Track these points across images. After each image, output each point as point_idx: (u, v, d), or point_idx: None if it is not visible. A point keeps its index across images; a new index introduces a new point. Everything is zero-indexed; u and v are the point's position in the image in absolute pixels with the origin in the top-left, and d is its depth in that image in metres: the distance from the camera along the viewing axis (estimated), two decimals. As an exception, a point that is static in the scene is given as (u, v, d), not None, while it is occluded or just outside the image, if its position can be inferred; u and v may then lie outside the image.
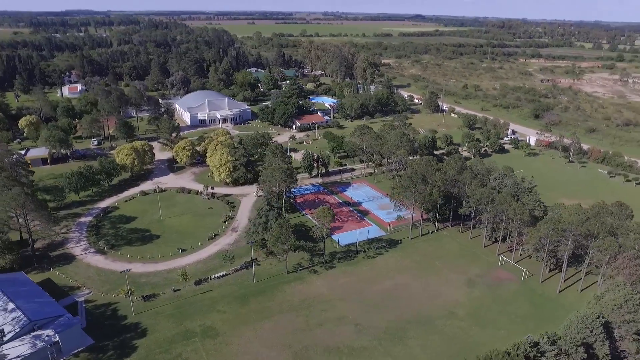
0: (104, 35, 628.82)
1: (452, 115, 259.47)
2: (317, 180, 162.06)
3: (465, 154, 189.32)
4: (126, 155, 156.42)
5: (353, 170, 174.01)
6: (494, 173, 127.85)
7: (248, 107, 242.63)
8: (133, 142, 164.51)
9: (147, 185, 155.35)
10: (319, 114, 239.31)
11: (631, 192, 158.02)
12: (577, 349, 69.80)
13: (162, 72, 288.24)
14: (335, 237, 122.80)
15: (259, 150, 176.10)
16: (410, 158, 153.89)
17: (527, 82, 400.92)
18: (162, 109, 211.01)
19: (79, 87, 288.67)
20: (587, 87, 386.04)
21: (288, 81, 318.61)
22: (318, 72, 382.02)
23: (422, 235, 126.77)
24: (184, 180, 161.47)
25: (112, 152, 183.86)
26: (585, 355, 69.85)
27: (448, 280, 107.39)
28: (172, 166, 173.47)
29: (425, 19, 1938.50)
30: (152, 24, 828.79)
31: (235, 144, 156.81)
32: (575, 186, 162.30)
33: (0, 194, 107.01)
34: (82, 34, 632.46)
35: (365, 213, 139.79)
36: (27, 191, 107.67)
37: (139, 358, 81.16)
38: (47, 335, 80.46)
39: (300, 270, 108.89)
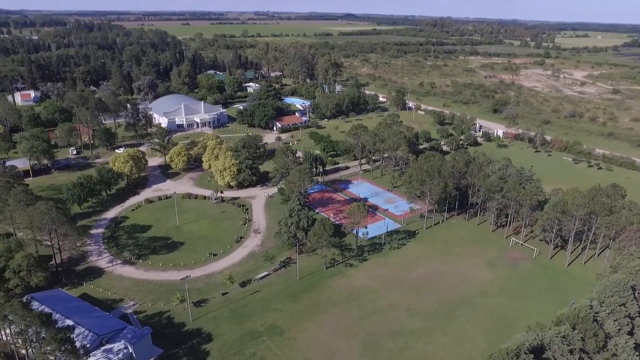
0: (33, 37, 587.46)
1: (419, 112, 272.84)
2: (317, 179, 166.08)
3: (445, 148, 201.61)
4: (123, 163, 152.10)
5: (347, 168, 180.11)
6: (494, 164, 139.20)
7: (224, 110, 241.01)
8: (127, 149, 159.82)
9: (148, 193, 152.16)
10: (296, 114, 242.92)
11: (594, 175, 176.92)
12: (619, 308, 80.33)
13: (123, 77, 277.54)
14: (355, 231, 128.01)
15: (254, 152, 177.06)
16: (398, 154, 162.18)
17: (472, 78, 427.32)
18: (141, 115, 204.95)
19: (32, 93, 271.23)
20: (526, 82, 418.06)
21: (254, 83, 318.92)
22: (276, 74, 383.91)
23: (434, 225, 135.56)
24: (184, 186, 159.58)
25: (97, 160, 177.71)
26: (627, 312, 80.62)
27: (472, 263, 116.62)
28: (166, 172, 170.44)
29: (357, 17, 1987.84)
30: (82, 25, 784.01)
31: (239, 147, 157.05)
32: (548, 173, 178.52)
33: (18, 209, 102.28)
34: (6, 36, 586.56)
35: (374, 208, 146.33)
36: (54, 205, 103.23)
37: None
38: (120, 349, 79.52)
39: (337, 264, 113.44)
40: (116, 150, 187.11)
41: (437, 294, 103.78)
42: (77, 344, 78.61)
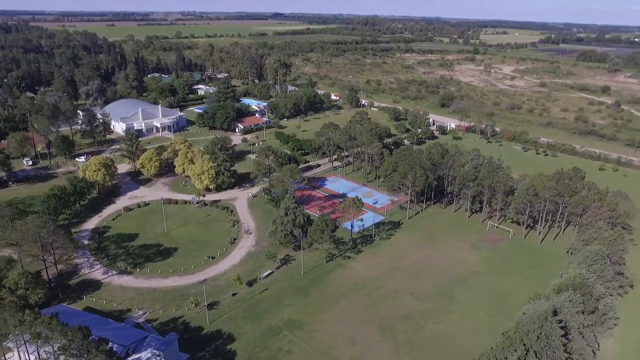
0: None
1: (373, 109, 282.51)
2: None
3: (406, 142, 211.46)
4: (95, 171, 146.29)
5: (319, 166, 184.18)
6: (464, 155, 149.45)
7: (182, 113, 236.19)
8: (96, 157, 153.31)
9: (124, 201, 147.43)
10: (256, 115, 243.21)
11: (543, 162, 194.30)
12: (603, 274, 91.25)
13: (67, 82, 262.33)
14: (346, 225, 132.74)
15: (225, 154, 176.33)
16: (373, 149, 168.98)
17: (412, 75, 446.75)
18: (98, 121, 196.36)
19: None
20: (462, 77, 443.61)
21: (204, 85, 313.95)
22: (223, 75, 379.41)
23: (415, 215, 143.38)
24: (159, 192, 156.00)
25: (59, 170, 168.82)
26: (607, 277, 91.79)
27: (457, 247, 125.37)
28: (137, 179, 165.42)
29: (286, 17, 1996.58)
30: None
31: (216, 150, 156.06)
32: (504, 161, 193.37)
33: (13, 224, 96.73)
34: None
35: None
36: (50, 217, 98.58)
37: (246, 359, 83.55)
38: (148, 357, 78.64)
39: (335, 258, 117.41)
40: (77, 159, 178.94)
41: (434, 277, 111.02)
42: (104, 357, 77.28)
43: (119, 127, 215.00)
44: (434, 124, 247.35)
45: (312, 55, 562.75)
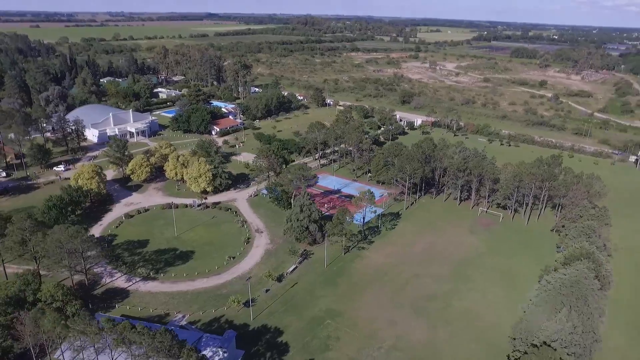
0: None
1: (338, 107, 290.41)
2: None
3: (381, 138, 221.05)
4: (89, 179, 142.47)
5: (306, 164, 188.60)
6: (452, 148, 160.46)
7: (155, 118, 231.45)
8: (86, 164, 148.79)
9: (121, 208, 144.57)
10: (230, 117, 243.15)
11: (508, 151, 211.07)
12: (599, 240, 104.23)
13: (20, 87, 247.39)
14: (356, 218, 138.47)
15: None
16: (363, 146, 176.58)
17: (364, 73, 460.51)
18: (71, 128, 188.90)
19: None
20: (410, 75, 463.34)
21: (164, 89, 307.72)
22: (179, 78, 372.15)
23: (410, 206, 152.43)
24: (154, 197, 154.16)
25: (40, 180, 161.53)
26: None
27: (457, 232, 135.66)
28: (126, 185, 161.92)
29: (221, 17, 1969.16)
30: None
31: (212, 153, 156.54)
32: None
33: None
34: None
35: (350, 197, 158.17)
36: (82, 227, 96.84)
37: (299, 348, 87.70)
38: (211, 355, 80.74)
39: (351, 249, 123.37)
40: (55, 168, 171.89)
41: (445, 260, 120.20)
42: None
43: (89, 134, 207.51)
44: (400, 121, 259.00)
45: (261, 56, 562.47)
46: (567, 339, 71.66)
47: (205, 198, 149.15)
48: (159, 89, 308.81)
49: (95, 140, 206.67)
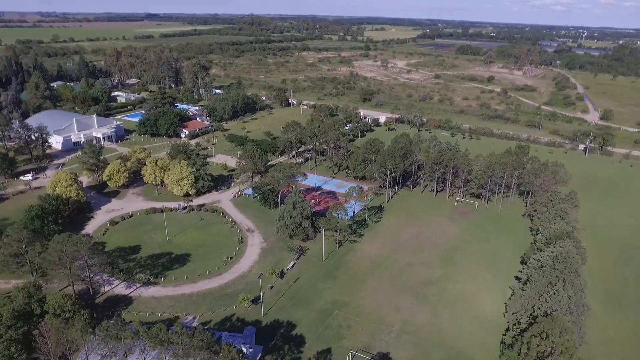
0: None
1: (302, 107, 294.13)
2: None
3: (350, 136, 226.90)
4: (68, 187, 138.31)
5: (281, 163, 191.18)
6: (425, 142, 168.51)
7: (120, 122, 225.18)
8: (64, 171, 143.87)
9: (103, 216, 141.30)
10: (198, 119, 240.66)
11: (472, 144, 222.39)
12: (571, 221, 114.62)
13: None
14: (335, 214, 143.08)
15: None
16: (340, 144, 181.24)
17: (319, 72, 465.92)
18: (34, 135, 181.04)
19: None
20: (364, 73, 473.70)
21: (121, 92, 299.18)
22: (133, 81, 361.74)
23: (391, 198, 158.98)
24: (135, 202, 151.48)
25: (7, 191, 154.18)
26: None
27: (438, 222, 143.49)
28: (103, 192, 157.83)
29: (161, 17, 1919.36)
30: None
31: (193, 155, 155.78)
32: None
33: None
34: None
35: (332, 193, 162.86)
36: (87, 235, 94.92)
37: (314, 339, 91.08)
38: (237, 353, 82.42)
39: (344, 243, 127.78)
40: (22, 177, 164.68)
41: (432, 248, 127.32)
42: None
43: (52, 141, 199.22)
44: (364, 118, 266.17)
45: (213, 57, 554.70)
46: (565, 308, 79.69)
47: (191, 201, 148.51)
48: (117, 93, 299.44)
49: (59, 147, 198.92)
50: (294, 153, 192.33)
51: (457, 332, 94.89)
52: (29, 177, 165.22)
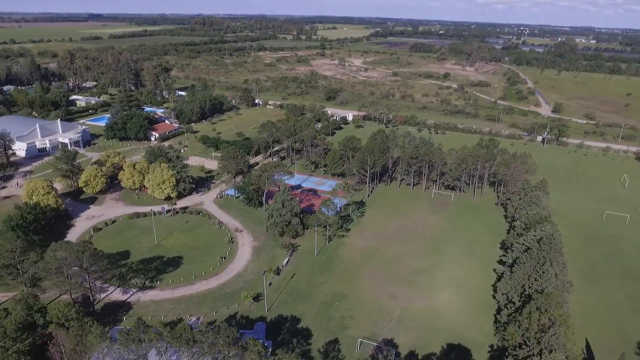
0: None
1: (268, 107, 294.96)
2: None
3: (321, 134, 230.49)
4: (45, 194, 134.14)
5: (257, 164, 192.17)
6: (399, 138, 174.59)
7: (86, 127, 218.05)
8: (38, 179, 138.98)
9: (84, 222, 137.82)
10: (166, 122, 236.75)
11: (437, 138, 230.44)
12: (545, 206, 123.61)
13: None
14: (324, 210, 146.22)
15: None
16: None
17: (278, 72, 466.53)
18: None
19: None
20: (323, 72, 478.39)
21: (80, 96, 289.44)
22: (90, 84, 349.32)
23: (371, 193, 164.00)
24: (114, 208, 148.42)
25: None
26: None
27: (419, 214, 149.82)
28: (79, 199, 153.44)
29: (106, 18, 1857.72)
30: None
31: (173, 158, 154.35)
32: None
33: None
34: None
35: (314, 191, 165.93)
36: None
37: (321, 331, 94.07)
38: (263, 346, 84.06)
39: (333, 238, 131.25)
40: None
41: (417, 239, 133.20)
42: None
43: (16, 148, 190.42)
44: (332, 116, 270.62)
45: (169, 58, 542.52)
46: (553, 286, 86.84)
47: (175, 204, 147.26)
48: (76, 97, 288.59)
49: (23, 154, 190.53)
50: (270, 152, 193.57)
51: (453, 315, 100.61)
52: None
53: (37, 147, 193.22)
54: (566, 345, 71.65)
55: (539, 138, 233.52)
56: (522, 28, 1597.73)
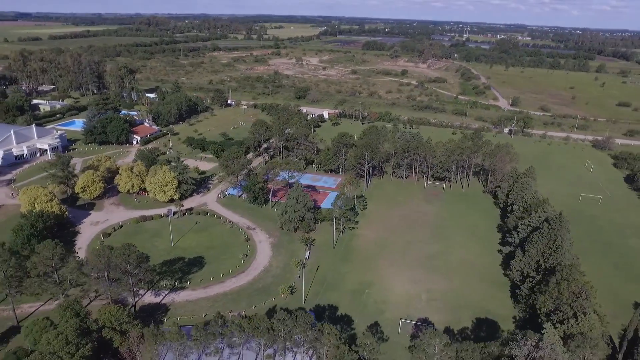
0: None
1: (242, 107, 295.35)
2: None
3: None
4: (47, 202, 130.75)
5: (251, 161, 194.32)
6: (389, 133, 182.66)
7: (63, 132, 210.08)
8: (34, 186, 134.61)
9: (90, 228, 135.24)
10: (145, 124, 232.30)
11: (413, 132, 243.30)
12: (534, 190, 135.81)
13: None
14: (323, 205, 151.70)
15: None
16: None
17: (238, 72, 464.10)
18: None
19: None
20: (282, 71, 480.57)
21: (43, 100, 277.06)
22: (47, 87, 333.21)
23: (367, 187, 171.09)
24: (117, 212, 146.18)
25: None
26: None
27: (417, 204, 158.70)
28: (76, 205, 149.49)
29: (38, 17, 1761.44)
30: None
31: (175, 160, 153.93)
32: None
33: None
34: None
35: (312, 187, 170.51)
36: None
37: (360, 317, 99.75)
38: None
39: (345, 230, 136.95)
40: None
41: (422, 227, 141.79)
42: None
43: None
44: (307, 115, 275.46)
45: (121, 60, 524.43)
46: (567, 259, 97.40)
47: (182, 205, 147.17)
48: (38, 101, 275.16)
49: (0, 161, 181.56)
50: (259, 151, 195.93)
51: (473, 293, 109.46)
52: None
53: (14, 154, 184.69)
54: (594, 308, 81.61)
55: (506, 130, 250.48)
56: (461, 25, 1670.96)
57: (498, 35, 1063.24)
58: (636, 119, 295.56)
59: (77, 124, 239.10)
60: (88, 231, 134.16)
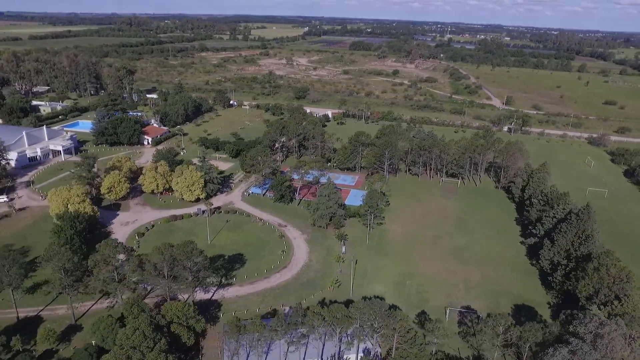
0: None
1: (244, 107, 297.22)
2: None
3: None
4: (80, 203, 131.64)
5: (277, 160, 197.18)
6: (405, 132, 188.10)
7: (73, 133, 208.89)
8: (62, 188, 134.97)
9: (122, 229, 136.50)
10: (154, 125, 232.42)
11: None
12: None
13: None
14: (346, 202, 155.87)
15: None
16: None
17: (230, 72, 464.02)
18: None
19: None
20: (274, 71, 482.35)
21: (43, 102, 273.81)
22: (42, 89, 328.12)
23: (387, 184, 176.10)
24: (145, 212, 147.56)
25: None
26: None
27: (436, 200, 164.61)
28: (101, 205, 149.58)
29: (12, 16, 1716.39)
30: None
31: (201, 160, 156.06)
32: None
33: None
34: None
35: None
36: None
37: (407, 305, 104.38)
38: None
39: (375, 225, 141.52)
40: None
41: (445, 221, 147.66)
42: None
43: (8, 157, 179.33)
44: (313, 115, 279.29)
45: (110, 60, 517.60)
46: (598, 248, 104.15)
47: (212, 204, 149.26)
48: (38, 103, 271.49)
49: (13, 164, 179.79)
50: (277, 150, 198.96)
51: (506, 282, 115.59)
52: (4, 198, 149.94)
53: (28, 156, 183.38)
54: (634, 291, 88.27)
55: (506, 128, 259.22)
56: (439, 25, 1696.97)
57: (478, 35, 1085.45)
58: (624, 117, 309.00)
59: (82, 125, 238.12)
60: (120, 231, 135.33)
